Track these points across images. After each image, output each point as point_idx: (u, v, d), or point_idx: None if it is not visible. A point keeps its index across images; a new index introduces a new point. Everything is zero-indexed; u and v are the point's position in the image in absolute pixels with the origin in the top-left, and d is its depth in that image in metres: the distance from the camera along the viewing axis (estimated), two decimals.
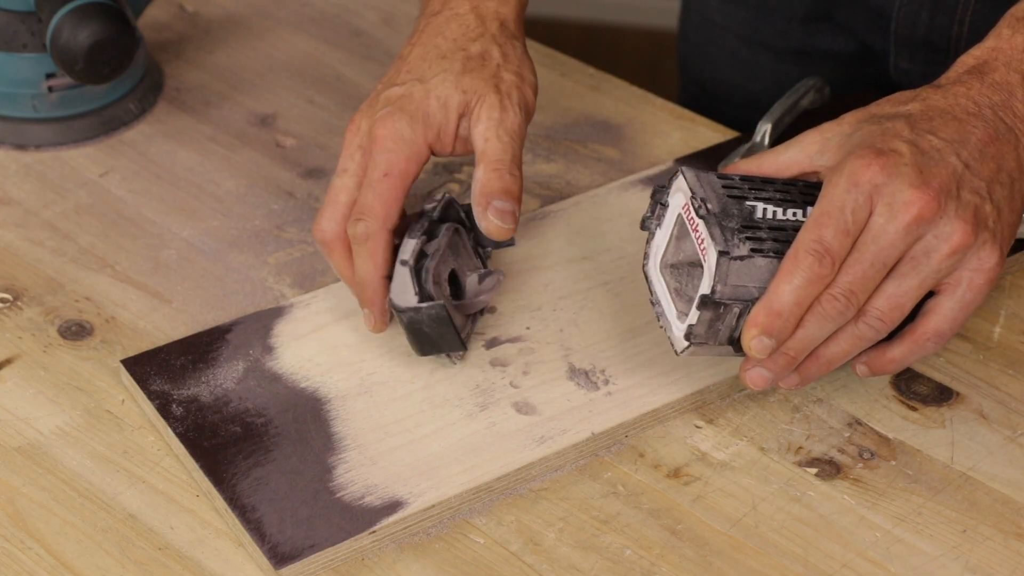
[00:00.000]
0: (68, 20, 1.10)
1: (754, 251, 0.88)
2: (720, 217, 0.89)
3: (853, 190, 0.87)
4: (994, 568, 0.87)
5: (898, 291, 0.88)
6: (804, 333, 0.88)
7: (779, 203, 0.91)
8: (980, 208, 0.88)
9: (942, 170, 0.88)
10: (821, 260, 0.86)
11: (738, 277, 0.88)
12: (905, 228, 0.87)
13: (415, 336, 0.94)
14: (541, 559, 0.87)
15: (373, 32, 1.29)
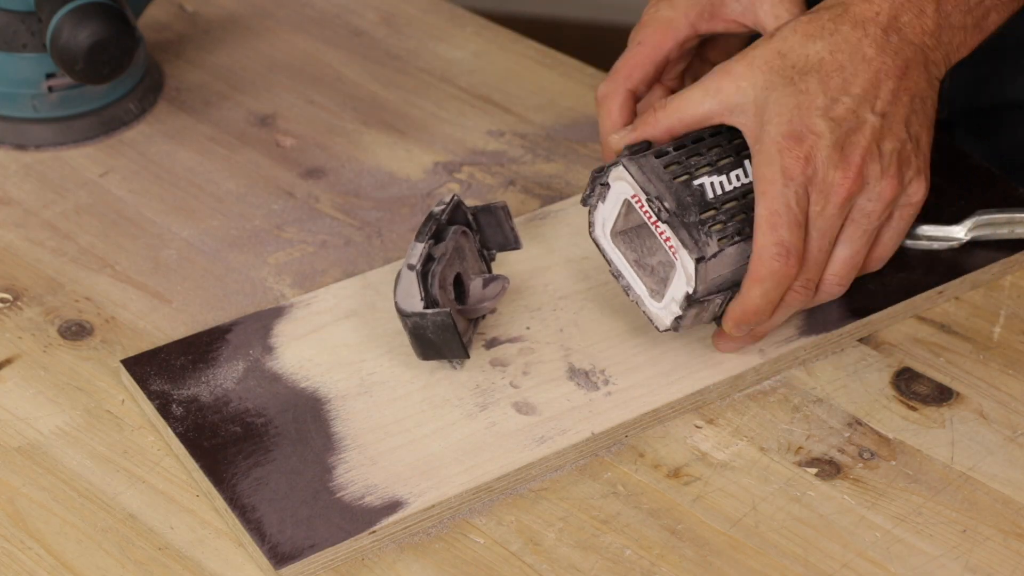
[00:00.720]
0: (68, 20, 1.10)
1: (722, 241, 0.92)
2: (680, 215, 0.92)
3: (791, 184, 0.91)
4: (994, 568, 0.87)
5: (849, 253, 0.94)
6: (772, 320, 0.95)
7: (721, 169, 0.94)
8: (902, 152, 0.93)
9: (860, 138, 0.92)
10: (786, 260, 0.91)
11: (714, 271, 0.92)
12: (839, 208, 0.92)
13: (418, 341, 0.94)
14: (541, 559, 0.87)
15: (373, 32, 1.29)
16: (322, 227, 1.09)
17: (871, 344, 1.00)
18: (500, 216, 0.99)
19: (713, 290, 0.93)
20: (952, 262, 1.04)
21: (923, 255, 1.05)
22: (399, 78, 1.24)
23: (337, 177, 1.14)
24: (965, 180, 1.11)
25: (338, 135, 1.18)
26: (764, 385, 0.97)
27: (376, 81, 1.24)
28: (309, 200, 1.12)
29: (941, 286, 1.03)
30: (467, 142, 1.18)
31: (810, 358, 0.99)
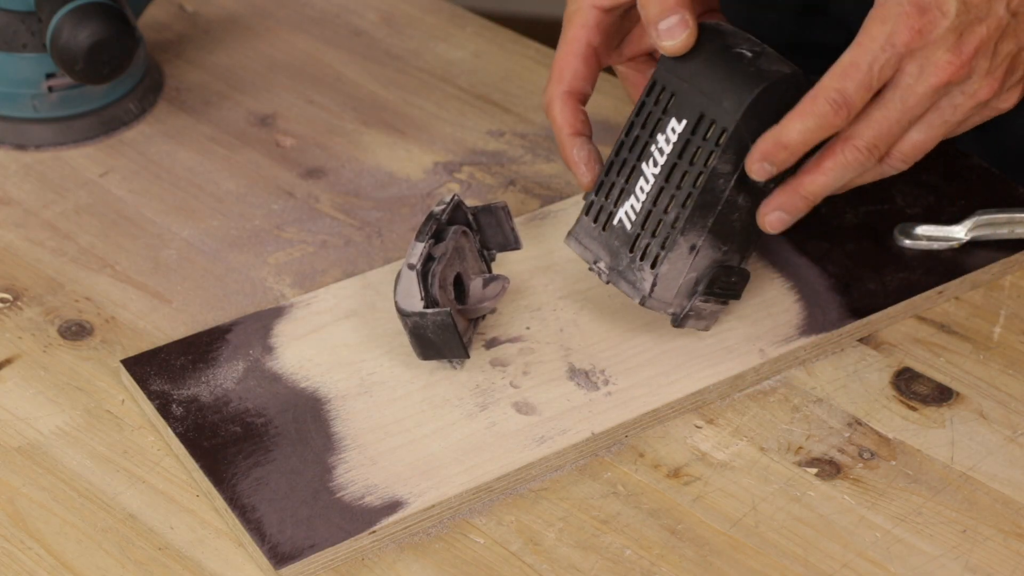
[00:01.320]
0: (68, 20, 1.10)
1: (655, 266, 0.93)
2: (615, 265, 0.95)
3: (888, 49, 0.89)
4: (994, 568, 0.87)
5: (923, 138, 0.92)
6: (825, 180, 0.92)
7: (629, 190, 0.95)
8: (1016, 57, 0.92)
9: (983, 29, 0.89)
10: (837, 110, 0.89)
11: (669, 289, 0.94)
12: (933, 90, 0.90)
13: (418, 341, 0.94)
14: (541, 559, 0.87)
15: (373, 32, 1.29)
16: (322, 227, 1.09)
17: (871, 344, 1.00)
18: (500, 216, 0.99)
19: (687, 295, 0.94)
20: (952, 262, 1.04)
21: (923, 255, 1.05)
22: (399, 78, 1.24)
23: (337, 177, 1.14)
24: (965, 180, 1.11)
25: (338, 135, 1.18)
26: (764, 385, 0.97)
27: (376, 81, 1.24)
28: (309, 200, 1.12)
29: (941, 286, 1.03)
30: (467, 142, 1.18)
31: (810, 358, 0.99)
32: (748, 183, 0.93)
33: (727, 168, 0.92)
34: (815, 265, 1.04)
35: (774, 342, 0.98)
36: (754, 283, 1.02)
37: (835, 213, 1.08)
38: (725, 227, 0.93)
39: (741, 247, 0.95)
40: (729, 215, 0.93)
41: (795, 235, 1.06)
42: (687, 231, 0.93)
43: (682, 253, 0.93)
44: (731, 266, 0.95)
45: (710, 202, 0.92)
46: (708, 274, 0.94)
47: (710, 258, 0.94)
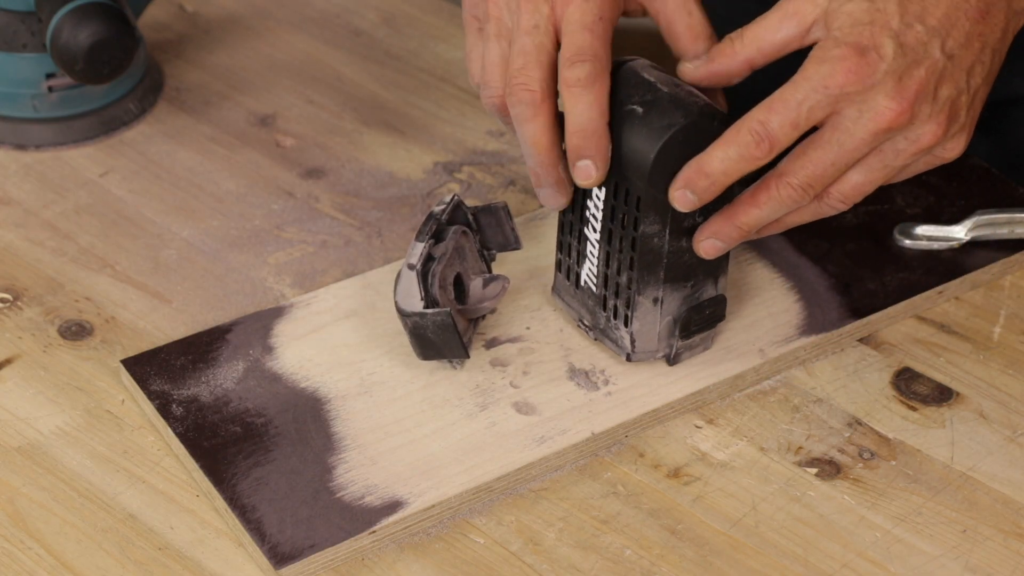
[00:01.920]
0: (68, 20, 1.10)
1: (629, 324, 0.94)
2: (597, 324, 0.96)
3: (821, 90, 0.86)
4: (994, 568, 0.87)
5: (863, 180, 0.90)
6: (759, 212, 0.90)
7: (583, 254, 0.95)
8: (956, 102, 0.89)
9: (921, 73, 0.87)
10: (759, 143, 0.87)
11: (649, 340, 0.95)
12: (872, 135, 0.87)
13: (419, 341, 0.94)
14: (541, 559, 0.87)
15: (373, 32, 1.29)
16: (322, 227, 1.09)
17: (871, 344, 1.00)
18: (500, 216, 0.99)
19: (668, 336, 0.95)
20: (952, 262, 1.04)
21: (923, 255, 1.05)
22: (399, 78, 1.24)
23: (337, 177, 1.14)
24: (965, 180, 1.11)
25: (338, 135, 1.18)
26: (764, 385, 0.97)
27: (376, 81, 1.24)
28: (309, 200, 1.12)
29: (941, 286, 1.03)
30: (467, 142, 1.18)
31: (810, 358, 0.99)
32: (684, 225, 0.91)
33: (655, 228, 0.91)
34: (815, 265, 1.04)
35: (774, 342, 0.98)
36: (754, 283, 1.02)
37: None
38: (680, 270, 0.92)
39: (708, 275, 0.94)
40: (679, 260, 0.92)
41: (795, 235, 1.06)
42: (643, 290, 0.92)
43: (647, 308, 0.93)
44: (700, 303, 0.94)
45: (654, 259, 0.92)
46: (682, 315, 0.94)
47: (678, 300, 0.94)
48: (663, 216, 0.90)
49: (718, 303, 0.95)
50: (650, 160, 0.89)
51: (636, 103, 0.90)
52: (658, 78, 0.90)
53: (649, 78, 0.91)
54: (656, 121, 0.89)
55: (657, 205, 0.90)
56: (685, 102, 0.89)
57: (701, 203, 0.89)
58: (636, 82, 0.91)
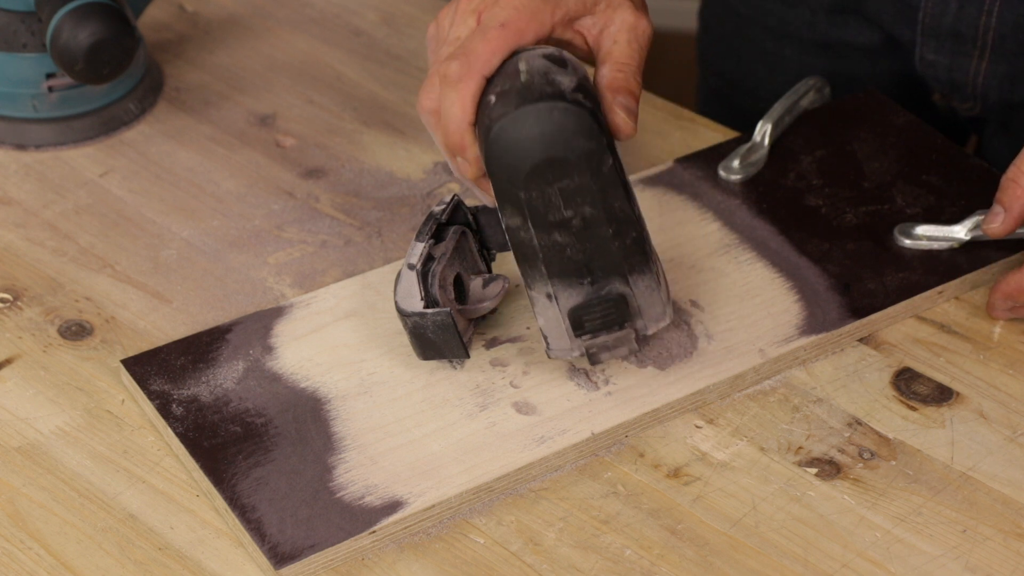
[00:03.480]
0: (68, 20, 1.10)
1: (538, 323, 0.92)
2: None
3: None
4: (994, 568, 0.87)
5: None
6: None
7: None
8: None
9: None
10: None
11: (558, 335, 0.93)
12: None
13: (418, 340, 0.94)
14: (541, 559, 0.87)
15: (373, 32, 1.29)
16: (322, 227, 1.09)
17: (871, 344, 1.00)
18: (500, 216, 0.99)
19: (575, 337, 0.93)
20: (952, 262, 1.04)
21: (923, 255, 1.05)
22: (399, 78, 1.24)
23: (337, 177, 1.14)
24: (965, 180, 1.11)
25: (338, 135, 1.18)
26: (764, 385, 0.97)
27: (376, 81, 1.24)
28: (309, 200, 1.12)
29: (941, 286, 1.03)
30: None
31: (810, 358, 0.99)
32: (550, 220, 0.90)
33: (517, 220, 0.90)
34: (815, 265, 1.04)
35: (774, 342, 0.98)
36: (754, 283, 1.02)
37: (835, 213, 1.08)
38: (566, 266, 0.91)
39: (612, 273, 0.92)
40: (559, 254, 0.91)
41: (795, 235, 1.06)
42: (532, 284, 0.92)
43: (544, 304, 0.92)
44: (589, 302, 0.92)
45: (528, 254, 0.91)
46: (577, 316, 0.92)
47: (576, 296, 0.92)
48: (518, 208, 0.89)
49: (619, 302, 0.92)
50: (485, 156, 0.89)
51: (494, 93, 0.89)
52: (531, 67, 0.89)
53: (521, 67, 0.90)
54: (497, 110, 0.89)
55: (510, 197, 0.89)
56: (532, 91, 0.88)
57: None
58: (509, 71, 0.90)
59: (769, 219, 1.07)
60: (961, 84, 1.20)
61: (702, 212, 1.08)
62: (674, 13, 2.68)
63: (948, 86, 1.21)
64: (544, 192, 0.89)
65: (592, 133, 0.88)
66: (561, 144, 0.88)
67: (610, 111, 0.93)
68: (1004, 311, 1.01)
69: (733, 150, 1.12)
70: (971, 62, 1.17)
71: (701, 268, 1.04)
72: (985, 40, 1.17)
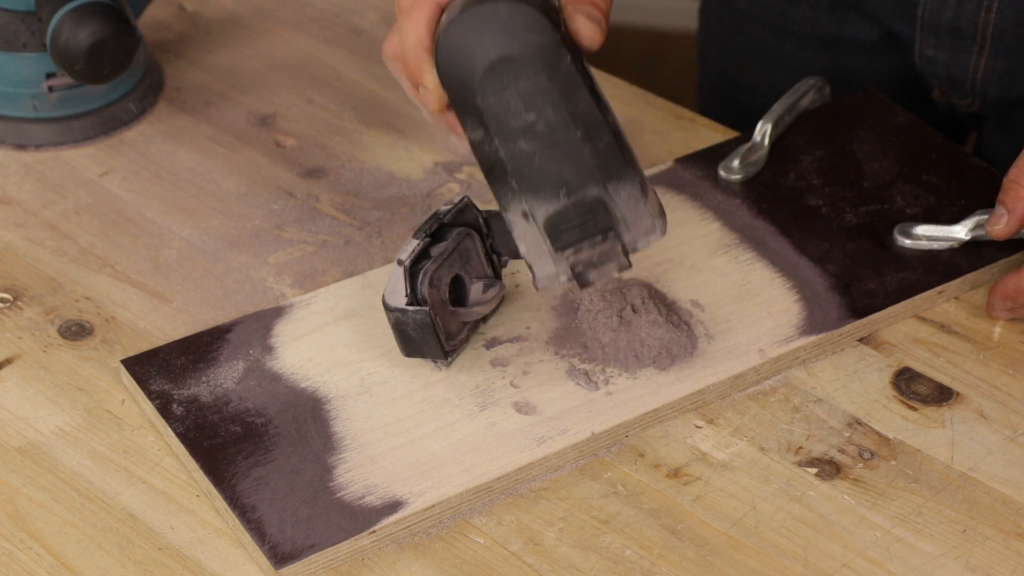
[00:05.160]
0: (68, 20, 1.10)
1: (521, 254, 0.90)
2: None
3: None
4: (994, 568, 0.87)
5: None
6: None
7: None
8: None
9: None
10: None
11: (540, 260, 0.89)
12: None
13: (401, 337, 0.94)
14: (541, 559, 0.87)
15: (373, 32, 1.29)
16: (322, 227, 1.09)
17: (871, 344, 1.00)
18: None
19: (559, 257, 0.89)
20: (952, 262, 1.04)
21: (923, 255, 1.05)
22: None
23: (337, 177, 1.14)
24: (965, 180, 1.11)
25: (338, 135, 1.18)
26: (764, 385, 0.97)
27: (376, 81, 1.24)
28: (309, 200, 1.12)
29: (941, 286, 1.03)
30: None
31: (810, 358, 0.99)
32: (507, 130, 0.87)
33: (479, 134, 0.88)
34: (815, 265, 1.04)
35: (774, 342, 0.98)
36: (754, 283, 1.02)
37: (835, 213, 1.08)
38: (535, 176, 0.88)
39: (587, 179, 0.88)
40: (527, 164, 0.88)
41: (795, 235, 1.06)
42: (507, 207, 0.89)
43: (523, 226, 0.89)
44: (564, 208, 0.88)
45: (496, 168, 0.88)
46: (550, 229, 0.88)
47: (551, 210, 0.88)
48: (478, 118, 0.87)
49: (595, 207, 0.88)
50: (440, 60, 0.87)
51: (446, 14, 0.88)
52: None
53: None
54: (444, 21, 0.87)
55: (468, 108, 0.87)
56: None
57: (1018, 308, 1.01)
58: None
59: (769, 219, 1.07)
60: (960, 80, 1.20)
61: (702, 212, 1.08)
62: (674, 12, 2.68)
63: (947, 82, 1.21)
64: (501, 96, 0.86)
65: (543, 28, 0.85)
66: (510, 41, 0.85)
67: (569, 18, 0.90)
68: (1003, 311, 1.01)
69: (733, 150, 1.12)
70: (970, 58, 1.17)
71: (701, 268, 1.04)
72: (984, 36, 1.17)
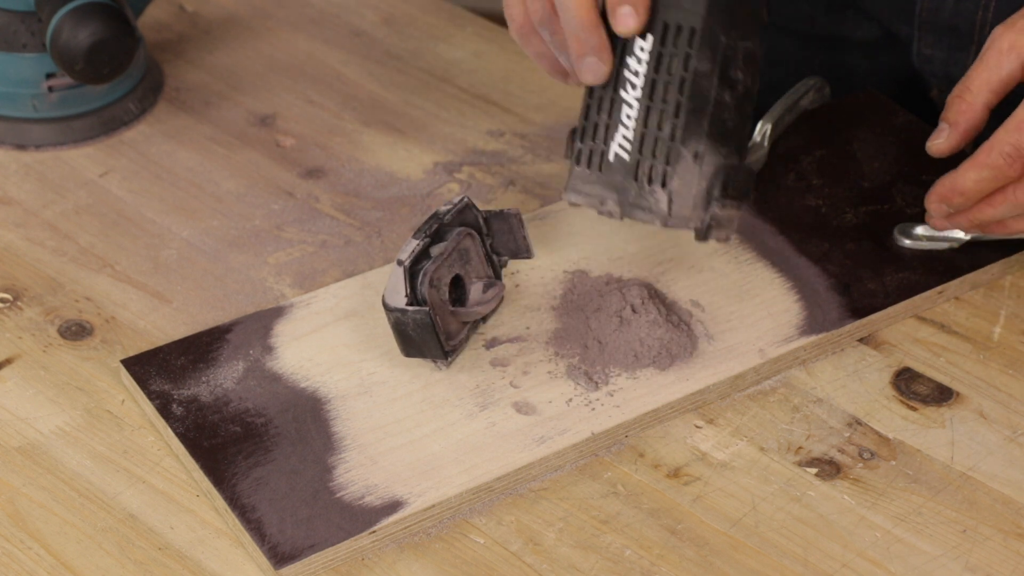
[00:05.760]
0: (68, 20, 1.10)
1: (666, 186, 0.92)
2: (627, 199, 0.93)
3: None
4: (994, 568, 0.87)
5: None
6: (993, 212, 0.99)
7: (610, 110, 0.93)
8: None
9: None
10: (1012, 163, 0.96)
11: (685, 201, 0.92)
12: None
13: (401, 337, 0.94)
14: (541, 559, 0.87)
15: (373, 32, 1.29)
16: (322, 227, 1.10)
17: (871, 344, 1.00)
18: (513, 223, 0.99)
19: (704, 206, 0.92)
20: (952, 262, 1.04)
21: (923, 255, 1.05)
22: (399, 78, 1.24)
23: (337, 177, 1.14)
24: None
25: (338, 135, 1.18)
26: (764, 385, 0.97)
27: (376, 81, 1.24)
28: (309, 200, 1.12)
29: (941, 286, 1.03)
30: (467, 142, 1.18)
31: (810, 358, 0.99)
32: (730, 79, 0.92)
33: (706, 67, 0.91)
34: (815, 265, 1.04)
35: (774, 342, 0.98)
36: (754, 283, 1.02)
37: (835, 213, 1.08)
38: (719, 128, 0.92)
39: (739, 147, 0.93)
40: (720, 115, 0.92)
41: (795, 235, 1.06)
42: (686, 140, 0.91)
43: (688, 164, 0.91)
44: (736, 165, 0.93)
45: (700, 106, 0.91)
46: (719, 179, 0.92)
47: (714, 164, 0.92)
48: (713, 53, 0.91)
49: (749, 175, 0.93)
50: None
51: None
52: None
53: None
54: None
55: (710, 39, 0.91)
56: None
57: (955, 214, 1.00)
58: None
59: (769, 219, 1.07)
60: (958, 79, 1.20)
61: None
62: None
63: (945, 81, 1.21)
64: (736, 46, 0.92)
65: None
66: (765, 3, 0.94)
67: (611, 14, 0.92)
68: (940, 217, 1.02)
69: None
70: (968, 57, 1.17)
71: (701, 268, 1.04)
72: (982, 34, 1.17)
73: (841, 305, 1.01)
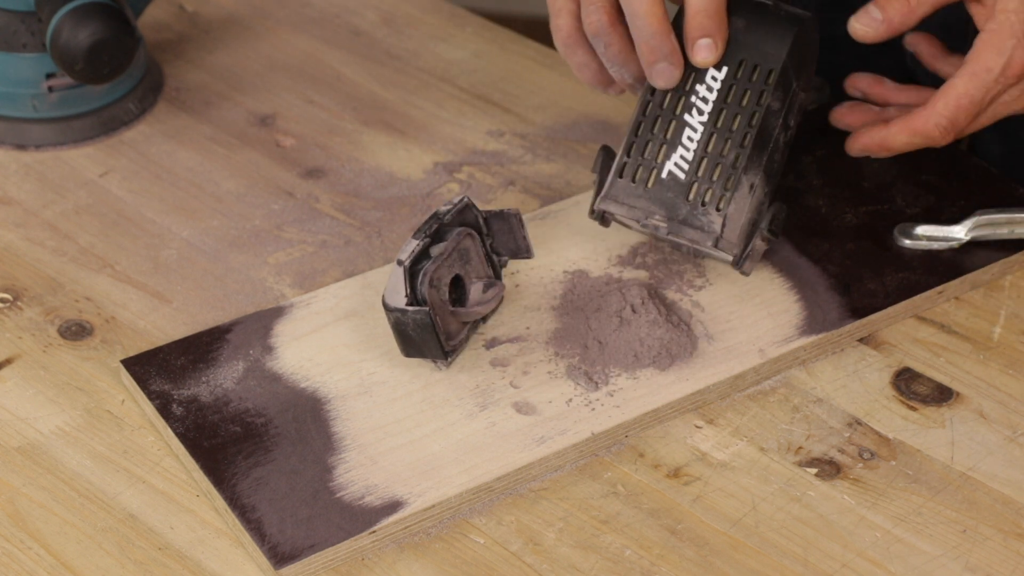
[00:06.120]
0: (68, 20, 1.10)
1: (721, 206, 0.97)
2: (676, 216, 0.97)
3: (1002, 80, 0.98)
4: (994, 568, 0.87)
5: None
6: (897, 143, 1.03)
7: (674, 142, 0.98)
8: None
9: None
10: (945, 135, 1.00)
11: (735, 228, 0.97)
12: None
13: (401, 337, 0.94)
14: (541, 559, 0.87)
15: (373, 32, 1.29)
16: (322, 227, 1.10)
17: (871, 344, 1.00)
18: (513, 223, 0.99)
19: (747, 235, 0.97)
20: (952, 262, 1.04)
21: (923, 255, 1.05)
22: (399, 78, 1.24)
23: (337, 177, 1.14)
24: (965, 180, 1.11)
25: (338, 135, 1.18)
26: (764, 385, 0.98)
27: (376, 81, 1.24)
28: (309, 200, 1.12)
29: (941, 286, 1.03)
30: (467, 142, 1.18)
31: (810, 358, 0.99)
32: (787, 123, 0.98)
33: (777, 105, 0.97)
34: (815, 265, 1.04)
35: (774, 342, 0.98)
36: (754, 283, 1.02)
37: (835, 213, 1.08)
38: (772, 166, 0.98)
39: (776, 187, 0.99)
40: (774, 154, 0.98)
41: (795, 235, 1.06)
42: (748, 170, 0.96)
43: (743, 193, 0.96)
44: (780, 204, 0.98)
45: (765, 141, 0.97)
46: (767, 213, 0.97)
47: (760, 198, 0.97)
48: (784, 94, 0.98)
49: (787, 215, 1.01)
50: (794, 34, 0.97)
51: None
52: None
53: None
54: (786, 11, 0.98)
55: (784, 81, 0.96)
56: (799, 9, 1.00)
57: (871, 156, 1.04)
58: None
59: None
60: None
61: None
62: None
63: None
64: (799, 94, 0.99)
65: None
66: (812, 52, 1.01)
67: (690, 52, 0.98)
68: (858, 151, 1.04)
69: None
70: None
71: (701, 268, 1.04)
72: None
73: (841, 305, 1.01)
